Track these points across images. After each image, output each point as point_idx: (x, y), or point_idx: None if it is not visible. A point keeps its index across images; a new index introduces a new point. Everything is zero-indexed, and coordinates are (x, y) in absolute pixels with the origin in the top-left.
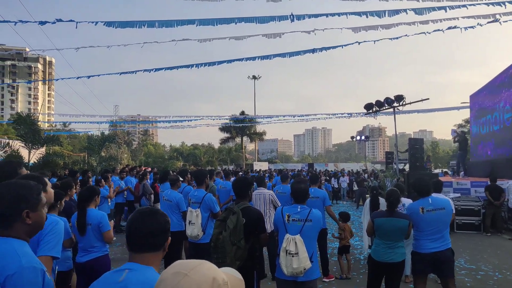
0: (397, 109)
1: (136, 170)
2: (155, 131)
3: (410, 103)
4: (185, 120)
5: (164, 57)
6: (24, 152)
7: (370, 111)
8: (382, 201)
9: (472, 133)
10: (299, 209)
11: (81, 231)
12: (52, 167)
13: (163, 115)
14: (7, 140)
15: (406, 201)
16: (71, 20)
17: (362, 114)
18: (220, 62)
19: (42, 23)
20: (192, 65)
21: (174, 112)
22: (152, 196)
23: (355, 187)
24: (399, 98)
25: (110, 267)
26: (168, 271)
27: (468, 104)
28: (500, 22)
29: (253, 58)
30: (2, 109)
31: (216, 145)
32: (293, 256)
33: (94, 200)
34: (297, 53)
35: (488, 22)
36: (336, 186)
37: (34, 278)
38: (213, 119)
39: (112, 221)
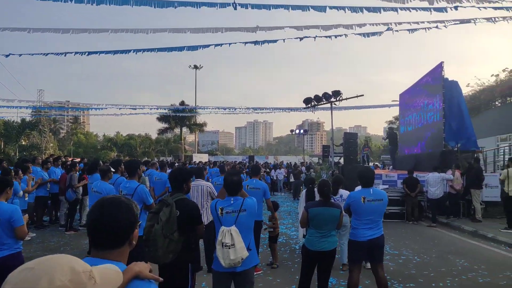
0: (334, 104)
1: (61, 160)
2: (86, 119)
3: (346, 99)
4: (121, 107)
5: (101, 43)
6: None
7: (309, 105)
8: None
9: (400, 129)
10: (232, 201)
11: None
12: None
13: (95, 103)
14: None
15: (343, 192)
16: None
17: (301, 108)
18: (160, 50)
19: None
20: (129, 51)
21: (110, 100)
22: (81, 188)
23: (292, 179)
24: (336, 93)
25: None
26: (16, 269)
27: (398, 102)
28: (392, 31)
29: (195, 48)
30: None
31: (154, 135)
32: (229, 248)
33: (5, 193)
34: (239, 44)
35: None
36: (275, 177)
37: None
38: (151, 109)
39: (26, 215)
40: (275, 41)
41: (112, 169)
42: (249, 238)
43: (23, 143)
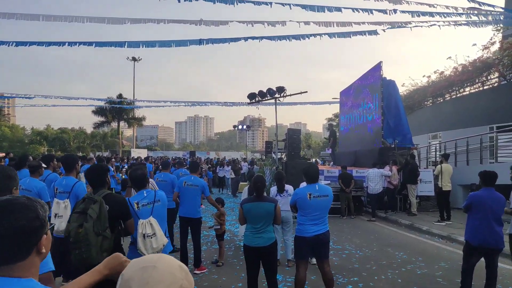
0: (278, 100)
1: None
2: (12, 110)
3: (290, 95)
4: (52, 97)
5: (36, 32)
6: None
7: (253, 100)
8: None
9: (340, 126)
10: (145, 194)
11: None
12: None
13: (22, 93)
14: None
15: (289, 187)
16: None
17: (245, 103)
18: (99, 44)
19: None
20: (63, 43)
21: (40, 91)
22: None
23: (232, 175)
24: (281, 89)
25: None
26: (132, 268)
27: (338, 100)
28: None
29: (136, 44)
30: None
31: (89, 129)
32: (151, 238)
33: None
34: (183, 42)
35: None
36: (220, 175)
37: None
38: (86, 99)
39: None
40: (221, 40)
41: (44, 165)
42: (164, 226)
43: None
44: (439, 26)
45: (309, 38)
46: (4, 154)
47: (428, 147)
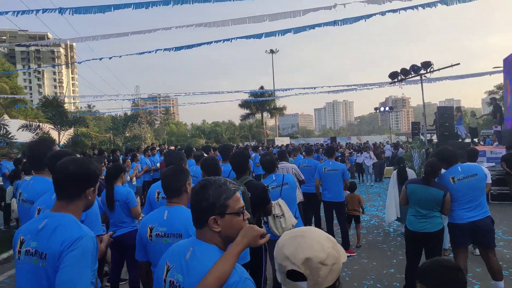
0: (424, 76)
1: (160, 148)
2: (176, 110)
3: (438, 70)
4: (205, 94)
5: (178, 38)
6: (54, 134)
7: (395, 80)
8: (410, 172)
9: (505, 99)
10: (274, 178)
11: (110, 207)
12: (81, 147)
13: (182, 92)
14: (38, 123)
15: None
16: (89, 6)
17: (386, 84)
18: (245, 37)
19: (62, 11)
20: (210, 42)
21: (195, 89)
22: None
23: (374, 160)
24: (427, 65)
25: None
26: (285, 237)
27: (502, 69)
28: None
29: (273, 34)
30: (32, 94)
31: (237, 122)
32: (280, 218)
33: (121, 177)
34: (318, 25)
35: None
36: (359, 161)
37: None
38: (233, 93)
39: (139, 197)
40: (356, 19)
41: (205, 154)
42: (294, 208)
43: (127, 134)
44: None
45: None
46: (174, 147)
47: None
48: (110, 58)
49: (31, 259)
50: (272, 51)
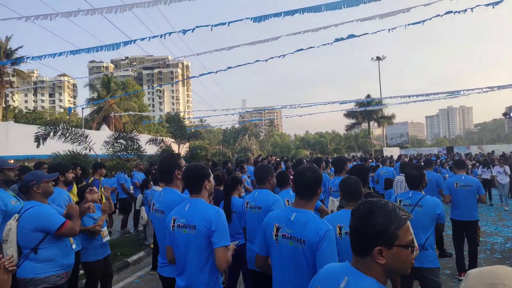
0: None
1: (268, 159)
2: (279, 121)
3: None
4: (310, 105)
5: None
6: (174, 147)
7: None
8: None
9: None
10: (410, 195)
11: (227, 218)
12: (197, 159)
13: (288, 104)
14: (161, 137)
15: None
16: (207, 25)
17: None
18: (350, 36)
19: (184, 32)
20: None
21: (297, 101)
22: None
23: (508, 172)
24: None
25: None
26: (477, 281)
27: None
28: None
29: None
30: (154, 111)
31: (341, 132)
32: None
33: (237, 189)
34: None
35: None
36: (485, 176)
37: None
38: (340, 104)
39: None
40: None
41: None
42: (424, 235)
43: (236, 146)
44: None
45: None
46: (280, 158)
47: None
48: (225, 69)
49: (288, 241)
50: (378, 58)
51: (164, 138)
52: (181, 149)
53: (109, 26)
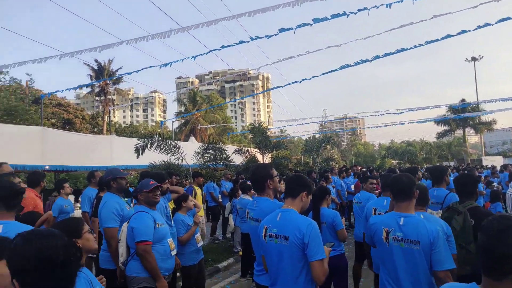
0: None
1: (353, 169)
2: (362, 131)
3: None
4: (397, 113)
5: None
6: (258, 157)
7: None
8: None
9: None
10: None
11: None
12: (281, 169)
13: (371, 111)
14: (246, 148)
15: None
16: (289, 29)
17: None
18: (446, 37)
19: (269, 36)
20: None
21: (378, 109)
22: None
23: None
24: None
25: (347, 266)
26: None
27: None
28: None
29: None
30: (236, 122)
31: (430, 140)
32: None
33: (326, 199)
34: None
35: None
36: None
37: None
38: (431, 109)
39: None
40: None
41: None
42: None
43: (318, 156)
44: None
45: None
46: (365, 168)
47: None
48: (300, 81)
49: (399, 243)
50: (474, 59)
51: (248, 148)
52: (265, 159)
53: (194, 42)
